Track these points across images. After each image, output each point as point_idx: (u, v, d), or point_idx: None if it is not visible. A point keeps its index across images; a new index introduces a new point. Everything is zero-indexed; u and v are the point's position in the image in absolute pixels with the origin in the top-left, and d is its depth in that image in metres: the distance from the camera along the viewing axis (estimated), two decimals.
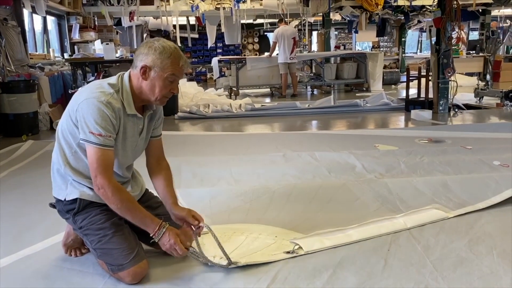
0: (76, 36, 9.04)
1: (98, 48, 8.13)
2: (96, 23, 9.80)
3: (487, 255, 1.98)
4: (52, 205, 2.01)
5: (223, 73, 11.53)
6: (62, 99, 7.15)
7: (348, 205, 2.68)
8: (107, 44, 7.50)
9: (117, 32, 10.25)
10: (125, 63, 7.88)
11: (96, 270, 1.93)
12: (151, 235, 1.80)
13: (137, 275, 1.79)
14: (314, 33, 16.24)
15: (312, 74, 10.83)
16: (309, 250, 2.04)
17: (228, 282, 1.79)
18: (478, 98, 7.56)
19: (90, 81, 7.42)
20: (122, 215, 1.80)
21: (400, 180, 3.12)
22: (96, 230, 1.82)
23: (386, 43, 15.75)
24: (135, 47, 9.87)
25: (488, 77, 9.20)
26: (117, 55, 7.69)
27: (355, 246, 2.10)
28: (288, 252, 2.02)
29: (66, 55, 8.61)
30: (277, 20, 9.66)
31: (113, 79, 1.86)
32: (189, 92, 8.51)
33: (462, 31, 7.19)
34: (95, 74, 7.84)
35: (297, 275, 1.84)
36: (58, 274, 1.92)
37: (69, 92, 7.09)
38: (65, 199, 1.87)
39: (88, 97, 1.75)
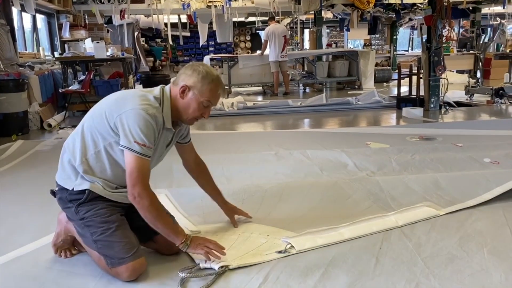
0: (66, 35, 8.95)
1: (89, 46, 8.06)
2: (87, 22, 9.72)
3: (478, 252, 1.99)
4: (53, 192, 2.00)
5: None
6: (52, 98, 7.09)
7: (340, 204, 2.68)
8: (98, 42, 7.45)
9: (108, 31, 10.16)
10: (116, 61, 7.85)
11: (86, 271, 1.92)
12: (178, 245, 1.87)
13: (136, 271, 1.81)
14: (306, 31, 16.27)
15: (304, 72, 10.84)
16: (301, 249, 2.04)
17: (220, 282, 1.78)
18: (469, 96, 7.61)
19: (81, 80, 7.42)
20: (153, 225, 1.83)
21: (391, 178, 3.13)
22: (100, 223, 1.84)
23: (378, 41, 15.82)
24: (126, 45, 9.81)
25: (478, 74, 9.27)
26: (108, 53, 7.63)
27: (347, 244, 2.10)
28: (280, 252, 2.02)
29: (56, 54, 8.53)
30: (268, 18, 9.62)
31: (156, 92, 1.92)
32: None
33: (453, 29, 7.23)
34: (86, 72, 7.79)
35: (289, 274, 1.84)
36: (47, 276, 1.90)
37: (60, 91, 7.05)
38: (72, 189, 1.88)
39: (136, 108, 1.79)
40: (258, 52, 10.56)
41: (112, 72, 7.93)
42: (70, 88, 7.13)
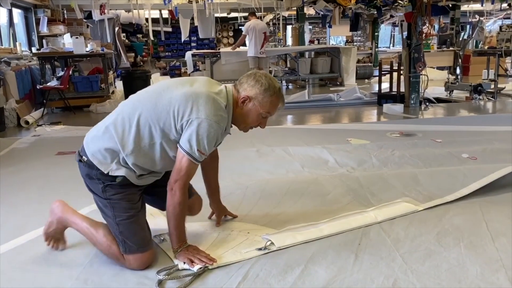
0: (44, 30, 8.76)
1: (68, 42, 7.90)
2: (65, 16, 9.51)
3: (455, 247, 2.02)
4: (80, 160, 1.94)
5: (197, 67, 11.42)
6: (30, 95, 6.94)
7: (320, 200, 2.69)
8: (77, 38, 7.33)
9: (87, 26, 9.97)
10: (96, 57, 7.73)
11: (63, 271, 1.88)
12: (172, 248, 1.91)
13: (147, 262, 1.89)
14: (289, 27, 16.27)
15: (287, 69, 10.85)
16: (281, 245, 2.04)
17: (197, 282, 1.76)
18: (448, 92, 7.73)
19: (60, 76, 7.28)
20: (169, 219, 1.88)
21: (371, 174, 3.16)
22: (126, 208, 1.88)
23: (360, 38, 15.92)
24: (107, 41, 9.65)
25: (458, 71, 9.41)
26: (88, 49, 7.51)
27: (326, 240, 2.11)
28: (260, 249, 2.01)
29: (34, 49, 8.34)
30: (248, 13, 9.56)
31: (223, 96, 1.90)
32: None
33: (433, 26, 7.31)
34: (65, 68, 7.65)
35: (268, 272, 1.83)
36: (22, 277, 1.86)
37: (37, 87, 6.91)
38: (107, 173, 1.87)
39: (211, 119, 1.79)
40: (242, 48, 10.47)
41: (92, 68, 7.79)
42: (48, 84, 7.00)
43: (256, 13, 9.76)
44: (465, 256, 1.92)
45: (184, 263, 1.85)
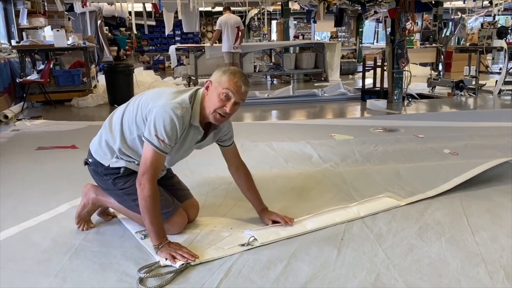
0: (24, 22, 8.54)
1: (48, 34, 7.74)
2: (46, 9, 9.31)
3: (436, 241, 2.04)
4: (86, 162, 2.17)
5: (181, 62, 11.32)
6: (10, 88, 6.79)
7: (304, 195, 2.68)
8: (58, 30, 7.19)
9: (69, 19, 9.77)
10: (78, 50, 7.60)
11: (40, 269, 1.84)
12: (153, 245, 1.90)
13: (183, 222, 2.10)
14: (274, 22, 16.23)
15: (271, 64, 10.84)
16: (264, 241, 2.03)
17: (179, 279, 1.74)
18: (431, 88, 7.81)
19: (40, 69, 7.13)
20: (143, 215, 1.90)
21: (354, 169, 3.17)
22: None
23: (344, 34, 15.98)
24: (89, 34, 9.49)
25: (440, 67, 9.52)
26: (69, 42, 7.38)
27: (309, 236, 2.11)
28: (243, 245, 2.00)
29: (13, 42, 8.15)
30: (223, 8, 9.44)
31: (192, 92, 2.01)
32: (145, 81, 8.31)
33: (416, 22, 7.36)
34: (46, 62, 7.50)
35: (251, 268, 1.82)
36: (0, 275, 1.81)
37: (17, 81, 6.76)
38: (108, 166, 2.06)
39: (167, 105, 1.89)
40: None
41: (73, 62, 7.66)
42: (28, 78, 6.86)
43: (231, 8, 9.62)
44: (446, 251, 1.94)
45: (166, 259, 1.83)
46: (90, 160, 2.14)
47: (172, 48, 10.30)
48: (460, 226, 2.19)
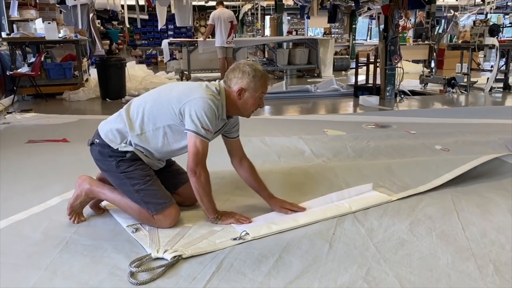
0: (14, 14, 8.44)
1: (40, 27, 7.67)
2: (37, 1, 9.21)
3: (427, 236, 2.05)
4: (91, 143, 2.20)
5: (174, 56, 11.27)
6: (0, 81, 6.72)
7: (296, 190, 2.68)
8: (49, 23, 7.12)
9: (60, 11, 9.67)
10: (69, 44, 7.53)
11: (30, 262, 1.83)
12: (211, 218, 2.15)
13: (176, 216, 2.13)
14: (267, 18, 16.20)
15: (264, 59, 10.82)
16: (256, 235, 2.03)
17: (170, 272, 1.74)
18: (423, 85, 7.85)
19: (31, 62, 7.05)
20: (201, 198, 2.10)
21: (346, 164, 3.18)
22: (142, 176, 2.10)
23: (337, 30, 15.98)
24: (80, 27, 9.39)
25: (432, 64, 9.56)
26: (60, 35, 7.30)
27: (301, 230, 2.11)
28: (235, 239, 2.00)
29: (3, 34, 8.05)
30: (216, 2, 9.39)
31: (216, 85, 2.14)
32: (137, 75, 8.26)
33: (409, 19, 7.37)
34: (37, 54, 7.42)
35: (243, 262, 1.82)
36: None
37: (7, 73, 6.68)
38: (117, 149, 2.10)
39: (203, 97, 2.03)
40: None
41: (65, 55, 7.59)
42: (19, 70, 6.79)
43: (224, 2, 9.57)
44: (437, 245, 1.96)
45: (158, 250, 1.86)
46: (97, 140, 2.16)
47: (165, 42, 10.24)
48: (450, 221, 2.21)
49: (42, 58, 6.90)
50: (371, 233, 2.08)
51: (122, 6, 10.47)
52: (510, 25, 12.96)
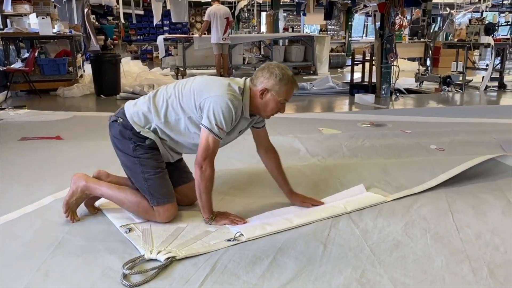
0: (8, 9, 8.34)
1: (34, 22, 7.59)
2: None
3: (422, 237, 2.05)
4: (115, 120, 2.20)
5: (169, 52, 11.21)
6: None
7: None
8: (43, 18, 7.05)
9: (55, 6, 9.58)
10: (63, 39, 7.46)
11: (22, 263, 1.81)
12: (206, 218, 2.15)
13: (174, 213, 2.16)
14: (263, 14, 16.15)
15: (260, 56, 10.79)
16: (250, 236, 2.02)
17: (163, 274, 1.72)
18: (419, 83, 7.85)
19: (25, 58, 6.99)
20: (200, 193, 2.10)
21: (341, 163, 3.17)
22: (154, 166, 2.14)
23: (333, 27, 15.97)
24: (75, 22, 9.33)
25: (428, 62, 9.57)
26: (55, 30, 7.24)
27: (296, 231, 2.10)
28: (229, 240, 1.99)
29: None
30: None
31: (240, 83, 2.15)
32: (132, 71, 8.21)
33: (405, 17, 7.36)
34: (30, 50, 7.36)
35: (237, 263, 1.81)
36: None
37: (0, 69, 6.62)
38: (139, 132, 2.14)
39: (224, 95, 2.04)
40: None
41: (59, 51, 7.53)
42: (12, 66, 6.73)
43: None
44: (431, 247, 1.96)
45: (151, 251, 1.84)
46: (121, 119, 2.17)
47: (160, 38, 10.18)
48: (445, 222, 2.21)
49: (36, 54, 6.83)
50: (365, 234, 2.08)
51: (117, 1, 10.42)
52: (505, 23, 12.99)
